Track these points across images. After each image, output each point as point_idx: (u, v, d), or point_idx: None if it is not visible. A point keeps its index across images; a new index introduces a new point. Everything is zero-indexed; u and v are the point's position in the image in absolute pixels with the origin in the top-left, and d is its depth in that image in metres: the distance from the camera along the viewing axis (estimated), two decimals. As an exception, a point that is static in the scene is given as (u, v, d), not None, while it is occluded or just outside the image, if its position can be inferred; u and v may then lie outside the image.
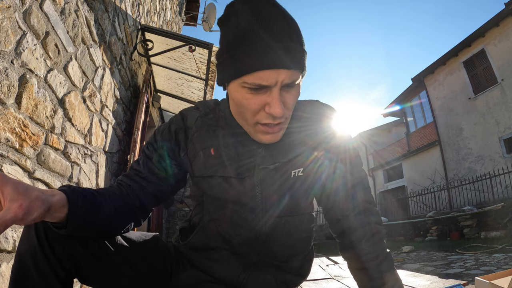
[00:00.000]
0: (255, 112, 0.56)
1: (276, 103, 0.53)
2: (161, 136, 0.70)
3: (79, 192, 0.54)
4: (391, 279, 0.64)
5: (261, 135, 0.60)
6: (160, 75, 3.53)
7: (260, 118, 0.57)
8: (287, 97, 0.56)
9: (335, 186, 0.69)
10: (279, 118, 0.56)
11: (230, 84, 0.57)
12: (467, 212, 6.41)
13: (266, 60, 0.51)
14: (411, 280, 2.73)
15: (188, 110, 0.72)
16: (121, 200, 0.63)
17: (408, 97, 12.23)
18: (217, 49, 0.59)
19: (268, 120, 0.56)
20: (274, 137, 0.60)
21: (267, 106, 0.55)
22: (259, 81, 0.52)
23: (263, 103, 0.55)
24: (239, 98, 0.56)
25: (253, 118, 0.57)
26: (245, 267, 0.70)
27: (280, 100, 0.54)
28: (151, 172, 0.68)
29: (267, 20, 0.52)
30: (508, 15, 7.88)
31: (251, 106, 0.55)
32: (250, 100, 0.55)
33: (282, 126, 0.59)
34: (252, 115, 0.57)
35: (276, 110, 0.53)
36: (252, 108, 0.56)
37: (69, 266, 0.56)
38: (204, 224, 0.71)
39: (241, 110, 0.58)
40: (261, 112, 0.56)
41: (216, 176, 0.66)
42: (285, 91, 0.55)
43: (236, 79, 0.55)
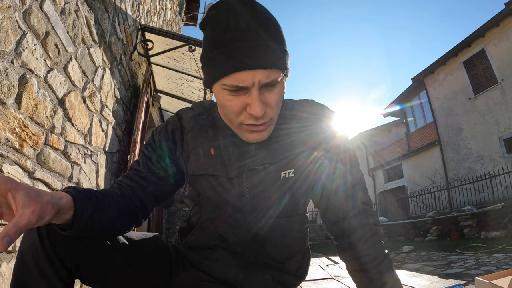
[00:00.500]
0: (237, 114, 0.57)
1: (256, 104, 0.53)
2: (159, 136, 0.71)
3: (84, 194, 0.54)
4: (390, 280, 0.64)
5: (247, 134, 0.60)
6: (160, 75, 3.53)
7: (243, 119, 0.57)
8: (269, 96, 0.56)
9: (335, 186, 0.69)
10: (261, 119, 0.56)
11: (213, 87, 0.58)
12: (467, 212, 6.41)
13: (241, 61, 0.51)
14: (411, 280, 2.73)
15: (183, 111, 0.74)
16: (123, 201, 0.63)
17: (408, 97, 12.23)
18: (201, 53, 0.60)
19: (251, 121, 0.57)
20: (260, 136, 0.60)
21: (247, 106, 0.55)
22: (236, 83, 0.53)
23: (244, 104, 0.55)
24: (221, 100, 0.57)
25: (236, 119, 0.58)
26: (243, 267, 0.70)
27: (259, 100, 0.54)
28: (151, 172, 0.69)
29: (242, 20, 0.52)
30: (508, 15, 7.88)
31: (233, 107, 0.56)
32: (232, 101, 0.56)
33: (268, 125, 0.59)
34: (235, 117, 0.57)
35: (256, 110, 0.54)
36: (234, 110, 0.56)
37: (71, 266, 0.56)
38: (202, 224, 0.72)
39: (225, 112, 0.59)
40: (243, 113, 0.56)
41: (207, 175, 0.67)
42: (266, 90, 0.55)
43: (216, 81, 0.55)
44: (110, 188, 0.65)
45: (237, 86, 0.53)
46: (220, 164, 0.66)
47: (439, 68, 10.42)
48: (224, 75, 0.53)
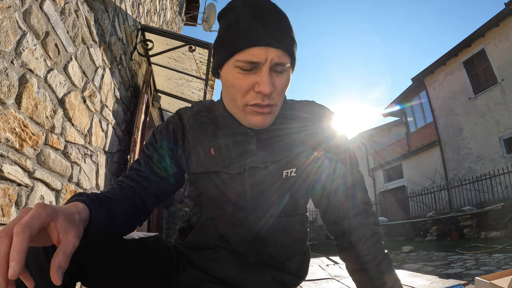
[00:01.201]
0: (245, 92, 0.58)
1: (266, 81, 0.55)
2: (160, 135, 0.71)
3: (98, 202, 0.54)
4: (390, 280, 0.64)
5: (251, 116, 0.60)
6: (160, 75, 3.53)
7: (249, 99, 0.58)
8: (277, 80, 0.58)
9: (335, 186, 0.69)
10: (267, 99, 0.58)
11: (223, 68, 0.60)
12: (467, 212, 6.41)
13: (256, 37, 0.55)
14: (411, 280, 2.74)
15: (183, 110, 0.74)
16: (127, 204, 0.63)
17: (408, 97, 12.23)
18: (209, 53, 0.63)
19: (257, 100, 0.58)
20: (264, 119, 0.61)
21: (256, 85, 0.57)
22: (250, 58, 0.55)
23: (253, 83, 0.57)
24: (230, 80, 0.59)
25: (243, 99, 0.59)
26: (244, 267, 0.70)
27: (269, 79, 0.56)
28: (152, 172, 0.69)
29: (258, 9, 0.57)
30: (508, 15, 7.88)
31: (242, 85, 0.57)
32: (241, 79, 0.57)
33: (272, 109, 0.60)
34: (241, 96, 0.59)
35: (265, 87, 0.55)
36: (242, 88, 0.58)
37: (72, 269, 0.56)
38: (202, 223, 0.72)
39: (232, 92, 0.60)
40: (250, 92, 0.58)
41: (209, 172, 0.67)
42: (274, 73, 0.58)
43: (228, 59, 0.58)
44: (114, 190, 0.64)
45: (251, 61, 0.55)
46: (221, 161, 0.66)
47: (439, 68, 10.42)
48: (239, 50, 0.55)
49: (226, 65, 0.59)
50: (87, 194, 0.54)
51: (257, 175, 0.66)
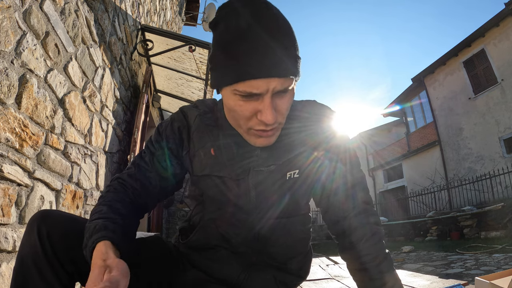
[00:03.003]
0: (247, 119, 0.56)
1: (268, 111, 0.53)
2: (165, 133, 0.70)
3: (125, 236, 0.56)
4: (391, 279, 0.64)
5: (255, 138, 0.60)
6: (160, 75, 3.53)
7: (252, 125, 0.57)
8: (280, 103, 0.55)
9: (335, 186, 0.69)
10: (271, 125, 0.56)
11: (223, 90, 0.57)
12: (467, 212, 6.41)
13: (256, 69, 0.50)
14: (411, 280, 2.73)
15: (188, 108, 0.72)
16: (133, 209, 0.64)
17: (408, 97, 12.22)
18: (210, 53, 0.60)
19: (261, 127, 0.56)
20: (268, 141, 0.60)
21: (259, 113, 0.54)
22: (250, 89, 0.52)
23: (255, 110, 0.55)
24: (231, 105, 0.56)
25: (246, 124, 0.57)
26: (245, 267, 0.70)
27: (272, 108, 0.53)
28: (156, 170, 0.68)
29: (257, 24, 0.50)
30: (508, 15, 7.88)
31: (244, 112, 0.55)
32: (243, 107, 0.55)
33: (275, 131, 0.59)
34: (244, 122, 0.57)
35: (268, 117, 0.53)
36: (244, 115, 0.56)
37: (72, 270, 0.56)
38: (204, 223, 0.71)
39: (234, 116, 0.58)
40: (253, 118, 0.56)
41: (212, 175, 0.66)
42: (277, 97, 0.55)
43: (227, 86, 0.54)
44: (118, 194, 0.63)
45: (251, 93, 0.52)
46: (225, 164, 0.66)
47: (439, 68, 10.42)
48: (237, 81, 0.52)
49: (225, 89, 0.56)
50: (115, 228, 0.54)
51: (260, 177, 0.65)
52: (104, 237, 0.51)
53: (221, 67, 0.54)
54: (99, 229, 0.52)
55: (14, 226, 1.08)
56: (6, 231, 1.03)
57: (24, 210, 1.13)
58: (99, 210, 0.57)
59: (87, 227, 0.54)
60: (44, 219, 0.55)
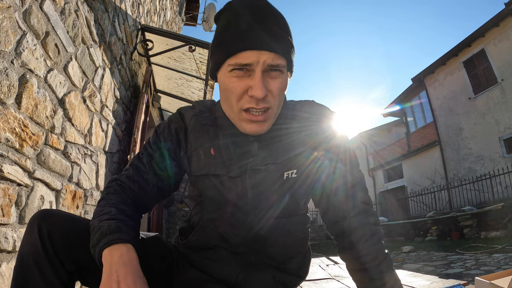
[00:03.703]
0: (239, 96, 0.58)
1: (258, 84, 0.55)
2: (163, 135, 0.70)
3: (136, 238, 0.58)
4: (390, 280, 0.64)
5: (245, 123, 0.60)
6: (160, 75, 3.53)
7: (243, 103, 0.58)
8: (271, 83, 0.57)
9: (335, 186, 0.69)
10: (262, 102, 0.57)
11: (219, 72, 0.60)
12: (467, 212, 6.41)
13: (247, 41, 0.54)
14: (411, 280, 2.74)
15: (184, 109, 0.73)
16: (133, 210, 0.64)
17: (408, 97, 12.23)
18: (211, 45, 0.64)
19: (251, 104, 0.57)
20: (259, 127, 0.60)
21: (249, 89, 0.56)
22: (241, 61, 0.55)
23: (247, 87, 0.57)
24: (226, 83, 0.59)
25: (238, 103, 0.59)
26: (244, 267, 0.70)
27: (261, 82, 0.55)
28: (154, 173, 0.68)
29: (254, 11, 0.56)
30: (508, 15, 7.88)
31: (236, 89, 0.57)
32: (235, 83, 0.57)
33: (267, 116, 0.60)
34: (236, 100, 0.58)
35: (258, 91, 0.55)
36: (237, 91, 0.57)
37: (72, 269, 0.56)
38: (203, 224, 0.71)
39: (228, 96, 0.60)
40: (244, 96, 0.58)
41: (210, 175, 0.67)
42: (269, 76, 0.57)
43: (223, 64, 0.58)
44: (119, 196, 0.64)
45: (241, 64, 0.55)
46: (222, 163, 0.66)
47: (439, 68, 10.42)
48: (231, 54, 0.55)
49: (221, 69, 0.59)
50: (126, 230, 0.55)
51: (258, 176, 0.66)
52: (121, 240, 0.52)
53: (217, 50, 0.59)
54: (114, 230, 0.53)
55: (14, 226, 1.08)
56: (6, 231, 1.03)
57: (24, 210, 1.13)
58: (107, 211, 0.58)
59: (97, 226, 0.54)
60: (45, 219, 0.56)
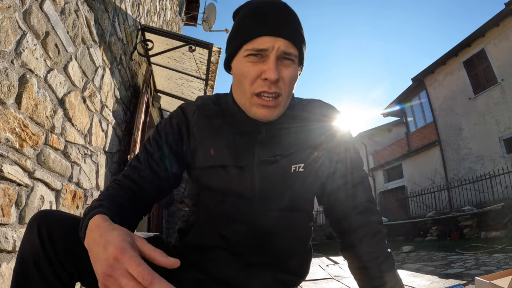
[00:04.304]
0: (253, 80, 0.60)
1: (272, 67, 0.58)
2: (164, 131, 0.70)
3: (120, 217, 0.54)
4: (392, 279, 0.64)
5: (256, 108, 0.62)
6: (160, 75, 3.53)
7: (256, 87, 0.60)
8: (284, 70, 0.60)
9: (336, 185, 0.69)
10: (274, 87, 0.60)
11: (235, 60, 0.63)
12: (467, 212, 6.41)
13: (264, 28, 0.59)
14: (411, 280, 2.74)
15: (186, 104, 0.73)
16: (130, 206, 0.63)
17: (408, 97, 12.23)
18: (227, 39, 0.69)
19: (264, 87, 0.60)
20: (269, 112, 0.62)
21: (263, 73, 0.59)
22: (257, 46, 0.58)
23: (261, 71, 0.59)
24: (241, 68, 0.61)
25: (251, 87, 0.61)
26: (243, 267, 0.69)
27: (275, 66, 0.58)
28: (152, 171, 0.68)
29: (270, 3, 0.61)
30: (508, 15, 7.88)
31: (250, 73, 0.60)
32: (250, 67, 0.60)
33: (278, 102, 0.62)
34: (250, 84, 0.61)
35: (271, 74, 0.58)
36: (251, 75, 0.60)
37: (72, 269, 0.56)
38: (201, 223, 0.71)
39: (241, 81, 0.62)
40: (258, 80, 0.60)
41: (215, 166, 0.66)
42: (282, 64, 0.60)
43: (239, 50, 0.61)
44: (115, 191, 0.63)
45: (258, 49, 0.58)
46: (229, 154, 0.66)
47: (439, 68, 10.42)
48: (247, 40, 0.60)
49: (237, 56, 0.62)
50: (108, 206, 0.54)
51: (266, 168, 0.66)
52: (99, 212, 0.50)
53: (234, 39, 0.63)
54: (93, 208, 0.53)
55: (14, 226, 1.08)
56: (6, 231, 1.03)
57: (24, 210, 1.13)
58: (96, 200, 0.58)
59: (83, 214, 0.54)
60: (45, 219, 0.55)
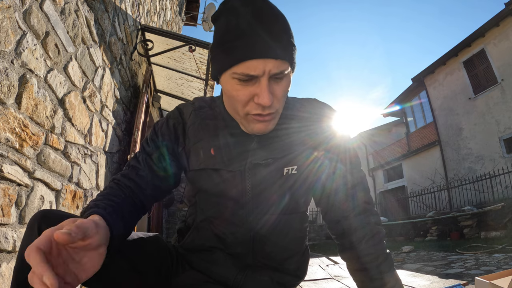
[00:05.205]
0: (244, 103, 0.57)
1: (265, 93, 0.54)
2: (161, 132, 0.70)
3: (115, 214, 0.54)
4: (391, 280, 0.64)
5: (253, 124, 0.60)
6: (160, 75, 3.53)
7: (249, 109, 0.58)
8: (277, 88, 0.57)
9: (335, 186, 0.69)
10: (268, 109, 0.57)
11: (222, 76, 0.59)
12: (467, 212, 6.41)
13: (253, 50, 0.53)
14: (411, 280, 2.73)
15: (183, 105, 0.73)
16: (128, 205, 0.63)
17: (408, 97, 12.23)
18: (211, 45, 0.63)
19: (258, 110, 0.57)
20: (266, 126, 0.60)
21: (256, 96, 0.56)
22: (247, 71, 0.54)
23: (252, 94, 0.56)
24: (229, 90, 0.58)
25: (243, 109, 0.58)
26: (241, 269, 0.69)
27: (268, 90, 0.55)
28: (151, 171, 0.68)
29: (255, 12, 0.54)
30: (508, 15, 7.88)
31: (241, 97, 0.57)
32: (240, 91, 0.56)
33: (273, 116, 0.60)
34: (242, 107, 0.58)
35: (265, 99, 0.54)
36: (242, 99, 0.57)
37: None
38: (198, 224, 0.71)
39: (232, 102, 0.59)
40: (250, 103, 0.57)
41: (208, 169, 0.66)
42: (274, 82, 0.56)
43: (226, 70, 0.56)
44: (113, 190, 0.64)
45: (248, 75, 0.54)
46: (222, 158, 0.65)
47: (439, 68, 10.42)
48: (236, 63, 0.54)
49: (224, 75, 0.58)
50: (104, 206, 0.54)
51: (258, 172, 0.65)
52: (94, 212, 0.50)
53: (220, 54, 0.57)
54: (89, 208, 0.53)
55: (14, 226, 1.08)
56: (6, 231, 1.03)
57: (24, 210, 1.13)
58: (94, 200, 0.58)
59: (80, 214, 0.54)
60: (45, 219, 0.55)
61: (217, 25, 0.59)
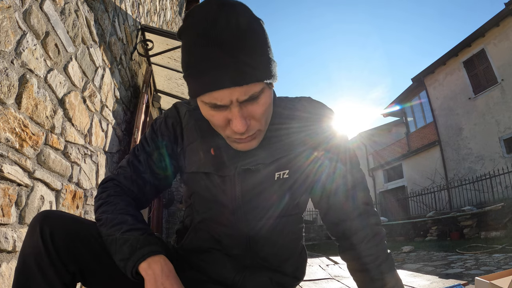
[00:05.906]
0: (222, 128, 0.56)
1: (237, 120, 0.52)
2: (160, 131, 0.69)
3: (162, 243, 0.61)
4: (392, 280, 0.64)
5: (236, 144, 0.59)
6: (160, 75, 3.53)
7: (228, 134, 0.56)
8: (252, 109, 0.53)
9: (335, 186, 0.68)
10: (246, 132, 0.55)
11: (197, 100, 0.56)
12: (467, 212, 6.41)
13: (215, 83, 0.49)
14: (411, 280, 2.74)
15: (180, 104, 0.72)
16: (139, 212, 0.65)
17: (408, 97, 12.23)
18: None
19: (236, 135, 0.56)
20: (249, 145, 0.59)
21: (230, 122, 0.54)
22: (214, 101, 0.51)
23: (227, 119, 0.54)
24: (205, 114, 0.56)
25: (223, 132, 0.57)
26: (239, 270, 0.69)
27: (240, 117, 0.52)
28: (152, 172, 0.68)
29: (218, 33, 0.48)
30: (508, 15, 7.88)
31: (217, 122, 0.55)
32: (214, 116, 0.54)
33: (255, 135, 0.58)
34: (221, 130, 0.57)
35: (238, 127, 0.52)
36: (218, 124, 0.55)
37: (74, 270, 0.56)
38: (195, 226, 0.71)
39: (212, 124, 0.58)
40: (227, 127, 0.55)
41: (199, 172, 0.65)
42: (248, 104, 0.53)
43: (197, 96, 0.54)
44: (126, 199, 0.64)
45: (215, 104, 0.52)
46: (213, 161, 0.64)
47: (439, 68, 10.42)
48: (201, 93, 0.51)
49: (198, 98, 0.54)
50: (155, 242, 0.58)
51: (248, 177, 0.64)
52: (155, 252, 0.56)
53: (187, 78, 0.53)
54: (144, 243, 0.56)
55: (14, 226, 1.08)
56: (6, 231, 1.03)
57: (24, 210, 1.13)
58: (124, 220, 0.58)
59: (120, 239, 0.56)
60: (47, 220, 0.55)
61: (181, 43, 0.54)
